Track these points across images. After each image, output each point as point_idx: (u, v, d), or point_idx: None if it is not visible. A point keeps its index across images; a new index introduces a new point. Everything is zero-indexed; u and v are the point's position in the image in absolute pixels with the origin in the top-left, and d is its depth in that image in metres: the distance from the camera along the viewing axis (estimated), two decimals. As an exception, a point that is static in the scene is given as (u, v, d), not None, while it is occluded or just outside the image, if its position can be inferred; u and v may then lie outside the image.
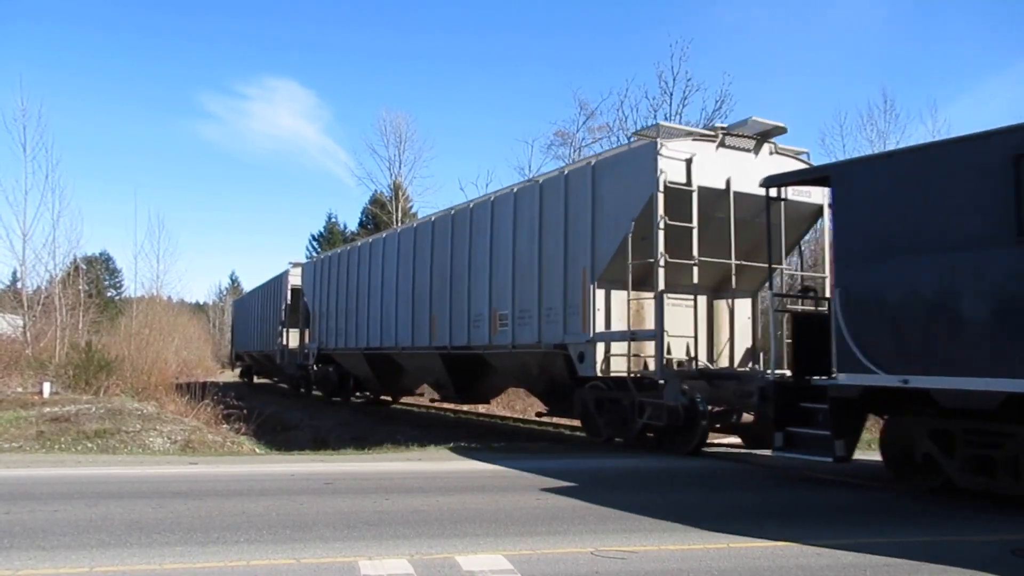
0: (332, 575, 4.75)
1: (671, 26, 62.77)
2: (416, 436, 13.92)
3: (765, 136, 11.55)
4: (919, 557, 5.22)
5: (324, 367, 23.18)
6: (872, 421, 9.82)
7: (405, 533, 5.80)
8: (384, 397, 23.27)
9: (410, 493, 7.65)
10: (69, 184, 53.66)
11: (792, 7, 63.03)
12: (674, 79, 26.84)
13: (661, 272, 10.46)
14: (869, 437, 9.97)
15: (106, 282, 55.40)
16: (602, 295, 11.48)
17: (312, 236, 62.76)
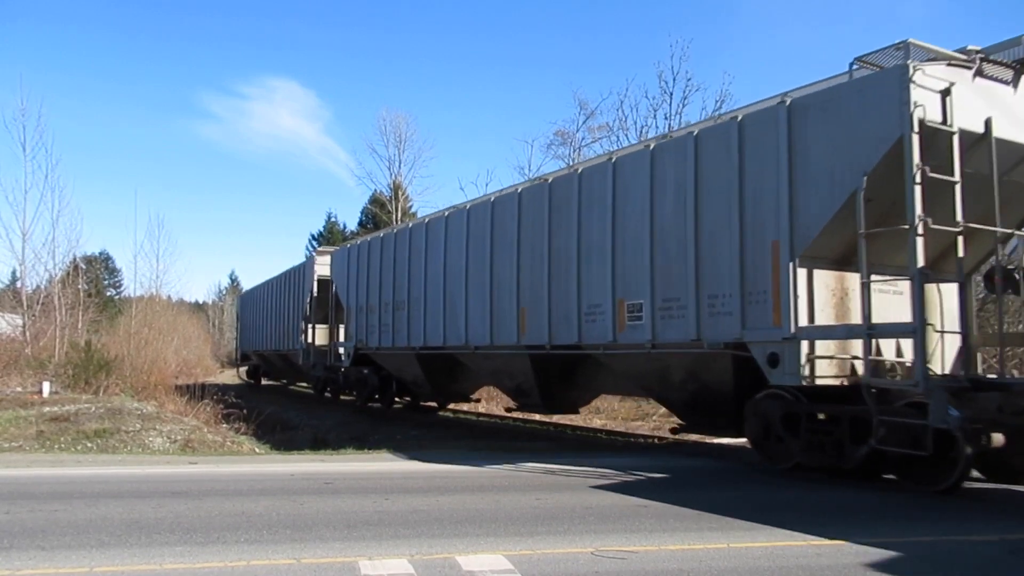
0: (332, 575, 4.76)
1: (684, 26, 62.06)
2: (416, 436, 13.93)
3: None
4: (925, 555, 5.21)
5: (358, 368, 20.04)
6: None
7: (405, 533, 5.81)
8: (428, 403, 20.14)
9: (410, 493, 7.66)
10: (69, 184, 54.17)
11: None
12: (674, 79, 26.76)
13: (919, 242, 7.84)
14: None
15: (106, 281, 55.40)
16: (803, 277, 8.79)
17: (312, 236, 63.01)
